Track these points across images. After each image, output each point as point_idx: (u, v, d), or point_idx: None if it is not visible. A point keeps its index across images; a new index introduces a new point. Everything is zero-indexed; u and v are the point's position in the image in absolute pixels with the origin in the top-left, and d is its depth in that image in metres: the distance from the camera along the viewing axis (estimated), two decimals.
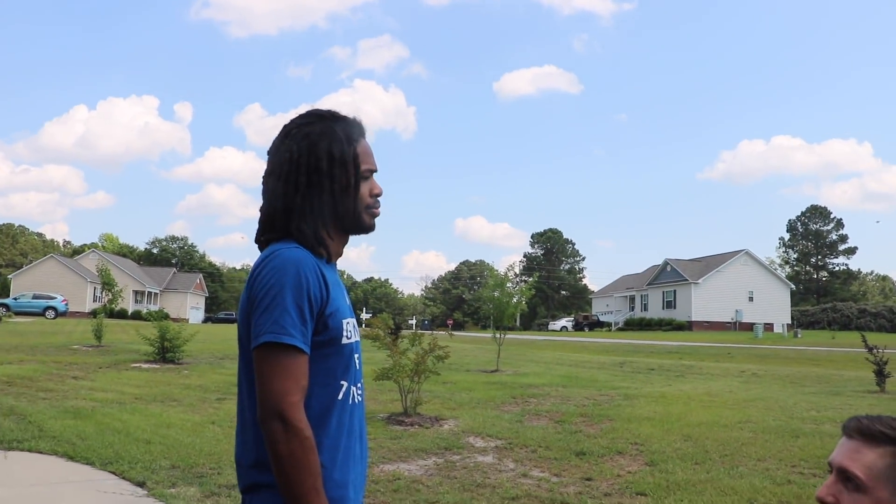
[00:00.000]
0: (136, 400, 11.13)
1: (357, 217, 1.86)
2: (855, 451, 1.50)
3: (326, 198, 1.81)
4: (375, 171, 1.90)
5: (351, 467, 1.77)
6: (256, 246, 1.86)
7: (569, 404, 11.64)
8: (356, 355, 1.84)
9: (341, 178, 1.82)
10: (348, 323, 1.80)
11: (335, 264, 1.92)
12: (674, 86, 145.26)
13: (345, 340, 1.77)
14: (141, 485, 6.19)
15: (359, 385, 1.84)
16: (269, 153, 1.88)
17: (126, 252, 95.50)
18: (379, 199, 1.90)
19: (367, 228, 1.89)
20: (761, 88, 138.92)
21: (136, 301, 71.53)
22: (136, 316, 59.22)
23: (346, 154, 1.82)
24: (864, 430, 1.52)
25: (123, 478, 6.43)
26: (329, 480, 1.68)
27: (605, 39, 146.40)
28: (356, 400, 1.82)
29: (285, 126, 1.88)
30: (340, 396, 1.75)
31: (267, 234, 1.84)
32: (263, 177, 1.87)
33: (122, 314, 57.48)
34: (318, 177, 1.81)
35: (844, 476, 1.49)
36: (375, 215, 1.90)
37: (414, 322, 72.22)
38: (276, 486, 1.61)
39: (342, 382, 1.76)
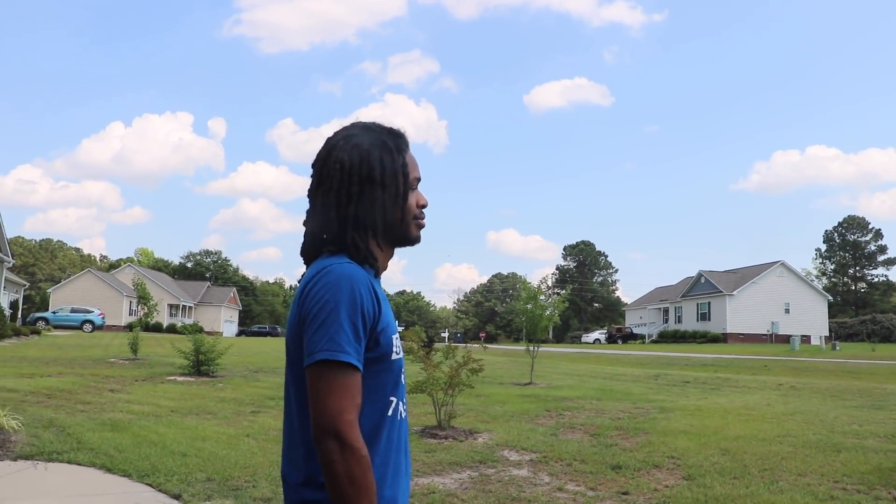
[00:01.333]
0: (172, 413, 11.23)
1: (406, 228, 1.85)
2: None
3: (378, 208, 1.80)
4: (421, 180, 1.90)
5: (399, 483, 1.76)
6: (301, 259, 1.85)
7: (603, 417, 11.52)
8: (402, 371, 1.83)
9: (392, 188, 1.81)
10: (396, 338, 1.79)
11: (380, 279, 1.91)
12: (705, 96, 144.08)
13: (394, 356, 1.75)
14: (177, 497, 6.23)
15: (404, 401, 1.83)
16: (313, 166, 1.87)
17: (161, 266, 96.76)
18: (424, 210, 1.89)
19: (413, 240, 1.88)
20: (795, 98, 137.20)
21: (171, 314, 72.35)
22: (171, 329, 59.91)
23: (396, 163, 1.82)
24: None
25: (160, 490, 6.48)
26: (380, 497, 1.66)
27: (635, 51, 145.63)
28: (402, 416, 1.81)
29: (329, 139, 1.87)
30: (390, 413, 1.74)
31: (318, 248, 1.82)
32: (309, 191, 1.86)
33: (157, 328, 58.20)
34: (371, 186, 1.79)
35: None
36: (421, 226, 1.89)
37: (446, 335, 72.24)
38: (326, 503, 1.59)
39: (391, 399, 1.75)
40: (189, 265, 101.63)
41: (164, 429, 9.64)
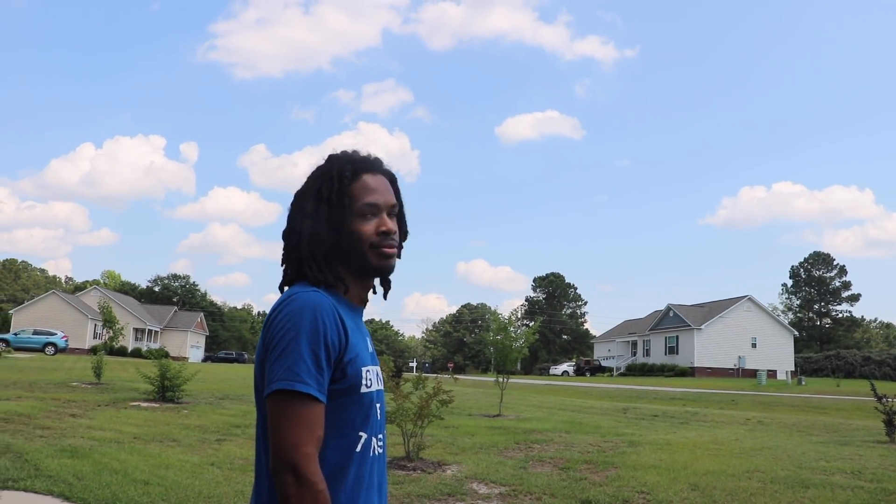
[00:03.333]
0: (135, 439, 10.99)
1: (362, 257, 1.77)
2: None
3: (324, 238, 1.76)
4: (384, 206, 1.80)
5: None
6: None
7: (573, 450, 11.46)
8: (378, 405, 1.76)
9: (327, 216, 1.76)
10: (368, 371, 1.72)
11: (360, 310, 1.86)
12: (676, 131, 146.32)
13: (364, 389, 1.69)
14: None
15: (380, 437, 1.77)
16: None
17: (128, 289, 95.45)
18: (391, 237, 1.80)
19: (375, 269, 1.79)
20: (762, 135, 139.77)
21: (137, 339, 71.30)
22: (137, 354, 58.97)
23: (333, 190, 1.77)
24: None
25: None
26: None
27: (607, 85, 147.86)
28: (376, 452, 1.74)
29: None
30: (359, 449, 1.68)
31: (285, 278, 1.82)
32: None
33: (122, 352, 57.32)
34: (308, 218, 1.77)
35: None
36: (385, 255, 1.79)
37: (414, 364, 71.82)
38: None
39: (361, 434, 1.68)
40: (156, 289, 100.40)
41: (126, 456, 9.41)
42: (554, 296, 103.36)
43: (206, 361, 66.20)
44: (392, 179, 1.89)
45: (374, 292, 1.92)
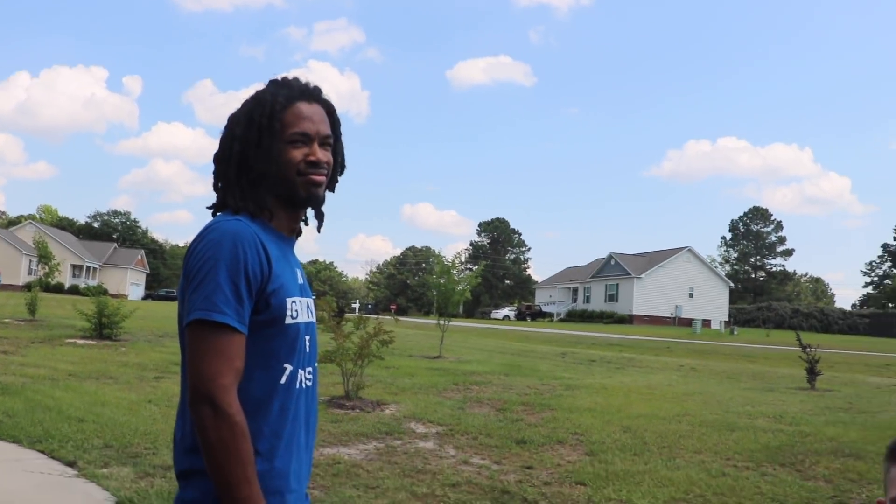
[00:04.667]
0: (70, 377, 10.83)
1: (290, 185, 1.73)
2: None
3: (251, 164, 1.73)
4: (315, 136, 1.76)
5: (294, 456, 1.68)
6: None
7: (510, 393, 11.68)
8: (307, 337, 1.73)
9: (257, 142, 1.72)
10: (294, 302, 1.69)
11: (291, 241, 1.83)
12: (625, 83, 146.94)
13: (289, 321, 1.66)
14: (71, 464, 6.00)
15: (308, 370, 1.74)
16: None
17: (65, 225, 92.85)
18: (320, 167, 1.75)
19: (302, 198, 1.75)
20: (710, 89, 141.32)
21: (74, 276, 69.74)
22: (74, 291, 57.54)
23: (265, 114, 1.73)
24: None
25: (53, 457, 6.23)
26: (270, 469, 1.60)
27: (560, 33, 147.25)
28: (304, 385, 1.72)
29: None
30: (284, 380, 1.65)
31: (213, 207, 1.79)
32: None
33: (58, 288, 56.03)
34: (237, 141, 1.74)
35: None
36: (312, 183, 1.74)
37: (357, 306, 71.82)
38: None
39: (286, 366, 1.66)
40: (95, 225, 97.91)
41: (60, 393, 9.29)
42: (498, 241, 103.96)
43: (147, 299, 65.21)
44: (330, 110, 1.85)
45: (307, 223, 1.88)
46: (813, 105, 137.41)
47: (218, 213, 1.76)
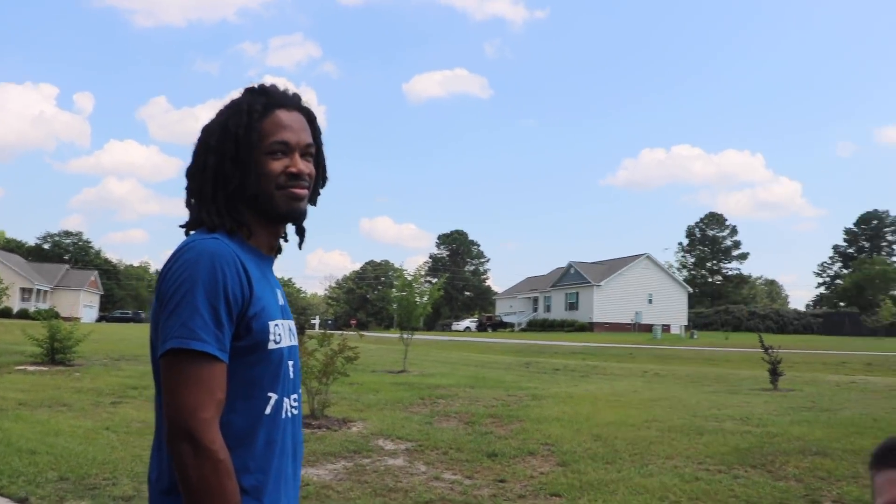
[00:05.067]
0: (21, 406, 10.42)
1: (269, 199, 1.60)
2: None
3: (229, 176, 1.58)
4: (296, 145, 1.64)
5: (283, 491, 1.54)
6: None
7: (478, 405, 11.56)
8: (290, 362, 1.60)
9: (234, 153, 1.58)
10: (277, 325, 1.56)
11: (270, 260, 1.69)
12: (581, 93, 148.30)
13: (272, 346, 1.53)
14: (24, 501, 5.69)
15: (294, 397, 1.61)
16: None
17: (13, 247, 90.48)
18: (301, 179, 1.63)
19: (282, 212, 1.63)
20: (663, 97, 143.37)
21: (24, 299, 68.05)
22: (24, 315, 56.25)
23: (241, 124, 1.59)
24: None
25: (3, 494, 5.91)
26: None
27: (516, 45, 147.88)
28: (290, 413, 1.58)
29: None
30: (269, 411, 1.52)
31: (186, 226, 1.63)
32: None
33: (6, 313, 54.69)
34: (213, 154, 1.59)
35: None
36: (294, 196, 1.62)
37: (317, 322, 71.21)
38: None
39: (270, 395, 1.52)
40: (46, 246, 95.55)
41: (9, 424, 8.91)
42: (458, 253, 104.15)
43: (101, 321, 63.79)
44: (311, 118, 1.72)
45: (286, 240, 1.75)
46: (763, 111, 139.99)
47: (192, 232, 1.61)
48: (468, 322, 74.20)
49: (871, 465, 1.40)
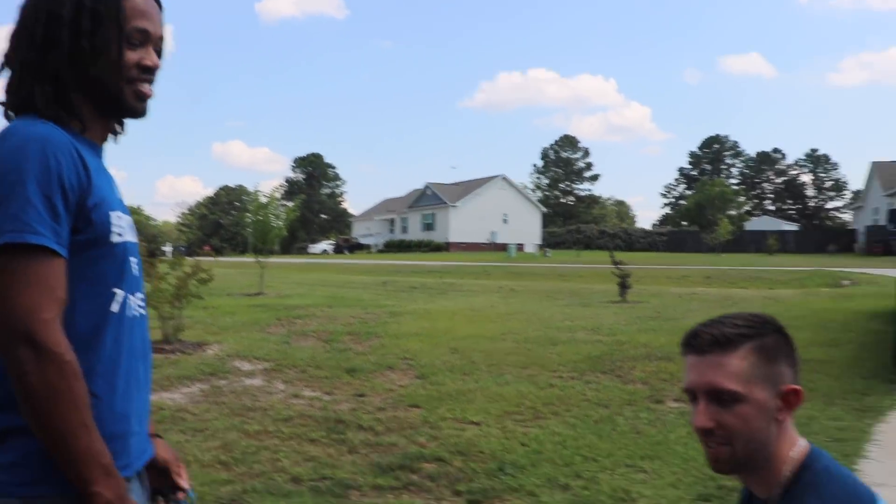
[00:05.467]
0: None
1: (117, 91, 1.43)
2: (716, 365, 1.41)
3: (72, 57, 1.39)
4: (154, 38, 1.47)
5: (134, 395, 1.42)
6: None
7: (336, 323, 11.53)
8: (133, 259, 1.45)
9: (90, 33, 1.39)
10: (120, 217, 1.41)
11: (101, 149, 1.50)
12: (438, 14, 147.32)
13: (116, 238, 1.38)
14: None
15: (139, 295, 1.47)
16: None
17: None
18: (151, 75, 1.47)
19: (130, 109, 1.47)
20: (520, 20, 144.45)
21: None
22: None
23: (101, 2, 1.39)
24: (718, 340, 1.43)
25: None
26: (108, 413, 1.34)
27: None
28: (137, 312, 1.45)
29: None
30: (115, 308, 1.38)
31: (5, 107, 1.42)
32: (9, 36, 1.44)
33: None
34: (59, 27, 1.38)
35: (716, 395, 1.40)
36: (143, 95, 1.46)
37: (169, 249, 68.64)
38: (30, 428, 1.24)
39: (115, 291, 1.38)
40: None
41: None
42: (313, 176, 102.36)
43: None
44: (160, 8, 1.53)
45: (115, 137, 1.56)
46: (617, 37, 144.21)
47: (14, 119, 1.40)
48: (325, 245, 73.61)
49: (681, 352, 1.51)
